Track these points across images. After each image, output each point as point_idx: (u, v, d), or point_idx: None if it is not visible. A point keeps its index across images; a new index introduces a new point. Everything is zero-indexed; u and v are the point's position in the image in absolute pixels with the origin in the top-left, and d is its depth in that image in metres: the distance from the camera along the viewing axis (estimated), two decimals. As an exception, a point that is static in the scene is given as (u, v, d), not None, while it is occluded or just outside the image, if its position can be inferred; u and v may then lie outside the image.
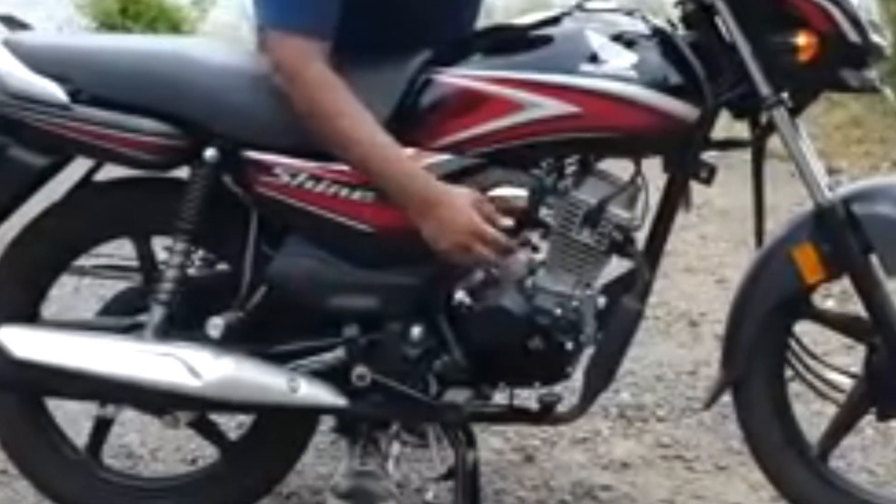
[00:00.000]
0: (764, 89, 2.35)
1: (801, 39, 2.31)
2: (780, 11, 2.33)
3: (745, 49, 2.34)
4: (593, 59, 2.32)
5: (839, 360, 2.91)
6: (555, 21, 2.40)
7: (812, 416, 2.90)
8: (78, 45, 2.54)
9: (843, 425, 2.58)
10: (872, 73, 2.38)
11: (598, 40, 2.34)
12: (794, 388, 2.64)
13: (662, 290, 3.81)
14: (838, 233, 2.38)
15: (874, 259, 2.38)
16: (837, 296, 3.59)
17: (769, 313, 2.48)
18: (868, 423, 2.92)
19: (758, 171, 2.52)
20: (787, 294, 2.46)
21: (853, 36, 2.33)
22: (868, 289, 2.40)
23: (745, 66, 2.34)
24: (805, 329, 2.60)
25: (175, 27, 6.83)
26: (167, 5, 6.95)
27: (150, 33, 6.42)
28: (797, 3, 2.32)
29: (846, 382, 2.59)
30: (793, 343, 2.55)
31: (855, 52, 2.34)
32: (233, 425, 2.92)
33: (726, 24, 2.34)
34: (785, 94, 2.37)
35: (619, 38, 2.36)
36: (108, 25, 6.76)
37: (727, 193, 3.79)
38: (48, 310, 2.62)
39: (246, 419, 2.79)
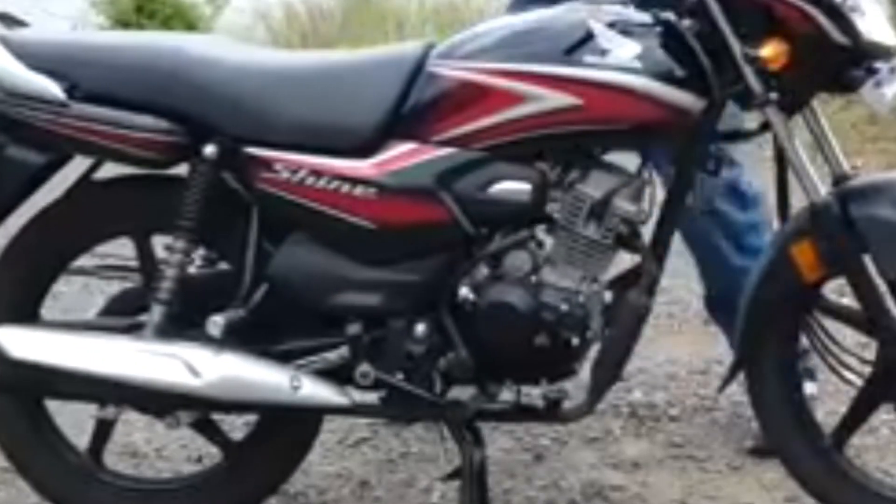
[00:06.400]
0: (756, 87, 2.30)
1: (767, 51, 2.26)
2: (761, 13, 2.28)
3: (735, 47, 2.29)
4: (596, 49, 2.28)
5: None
6: (557, 11, 2.36)
7: (826, 416, 2.86)
8: (75, 42, 2.54)
9: (858, 414, 2.54)
10: (861, 73, 2.32)
11: (601, 30, 2.30)
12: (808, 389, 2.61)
13: (673, 288, 3.78)
14: (832, 231, 2.34)
15: (867, 259, 2.34)
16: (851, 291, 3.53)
17: (776, 308, 2.44)
18: (883, 423, 2.91)
19: (780, 157, 2.46)
20: (789, 291, 2.43)
21: (838, 37, 2.28)
22: (863, 288, 2.36)
23: (737, 64, 2.30)
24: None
25: (190, 26, 6.83)
26: (183, 4, 6.95)
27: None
28: (775, 5, 2.27)
29: (865, 370, 2.55)
30: (814, 324, 2.51)
31: (843, 53, 2.29)
32: (238, 424, 2.89)
33: (718, 22, 2.30)
34: (774, 95, 2.31)
35: (623, 29, 2.32)
36: (122, 24, 6.77)
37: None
38: (55, 308, 2.60)
39: (252, 418, 2.76)
